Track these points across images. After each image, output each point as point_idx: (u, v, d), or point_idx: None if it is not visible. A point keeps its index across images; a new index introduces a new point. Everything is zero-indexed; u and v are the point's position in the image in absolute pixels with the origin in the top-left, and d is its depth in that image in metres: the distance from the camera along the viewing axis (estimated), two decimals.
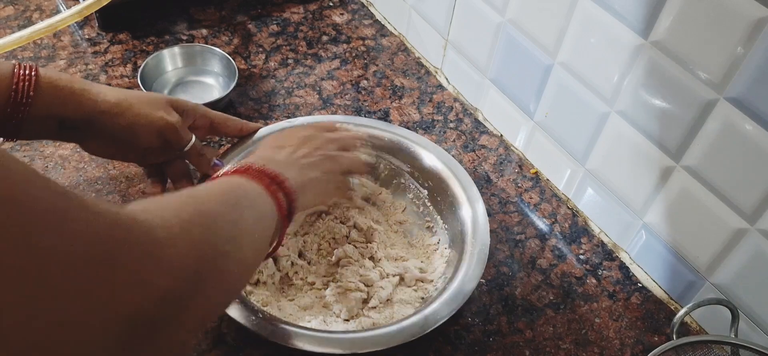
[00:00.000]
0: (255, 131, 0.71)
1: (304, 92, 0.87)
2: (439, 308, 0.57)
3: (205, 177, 0.65)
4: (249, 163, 0.50)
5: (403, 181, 0.73)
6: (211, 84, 0.85)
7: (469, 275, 0.60)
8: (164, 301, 0.33)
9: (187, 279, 0.35)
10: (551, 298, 0.67)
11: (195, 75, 0.85)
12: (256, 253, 0.46)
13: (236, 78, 0.81)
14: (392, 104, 0.87)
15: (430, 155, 0.71)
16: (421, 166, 0.71)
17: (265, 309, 0.58)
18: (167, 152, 0.64)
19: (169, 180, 0.67)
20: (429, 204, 0.71)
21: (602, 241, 0.74)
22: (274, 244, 0.50)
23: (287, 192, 0.50)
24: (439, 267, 0.65)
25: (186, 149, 0.63)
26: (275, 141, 0.59)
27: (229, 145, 0.72)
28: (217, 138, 0.77)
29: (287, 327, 0.54)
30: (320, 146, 0.59)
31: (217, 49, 0.85)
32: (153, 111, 0.60)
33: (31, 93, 0.54)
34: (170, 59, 0.84)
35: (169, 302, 0.34)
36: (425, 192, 0.71)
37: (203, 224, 0.39)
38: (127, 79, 0.84)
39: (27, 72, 0.54)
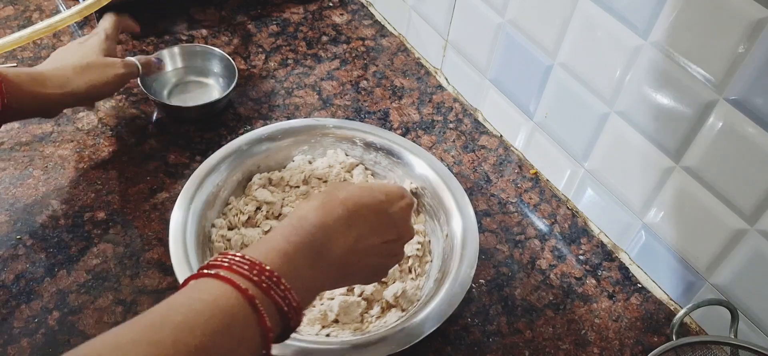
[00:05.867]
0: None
1: (303, 92, 0.87)
2: (423, 320, 0.56)
3: None
4: (274, 278, 0.41)
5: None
6: (211, 84, 0.85)
7: (454, 290, 0.59)
8: None
9: None
10: (551, 298, 0.67)
11: (195, 75, 0.85)
12: None
13: (236, 78, 0.81)
14: (392, 105, 0.87)
15: (422, 163, 0.70)
16: (413, 174, 0.71)
17: None
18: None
19: None
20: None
21: (602, 241, 0.74)
22: None
23: (291, 327, 0.43)
24: (430, 279, 0.65)
25: (139, 73, 0.74)
26: (349, 209, 0.47)
27: None
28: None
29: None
30: (397, 241, 0.52)
31: (217, 49, 0.85)
32: (109, 74, 0.69)
33: (5, 101, 0.59)
34: (170, 59, 0.84)
35: None
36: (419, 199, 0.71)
37: None
38: None
39: None
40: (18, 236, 0.64)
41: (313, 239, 0.45)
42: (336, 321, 0.61)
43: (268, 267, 0.41)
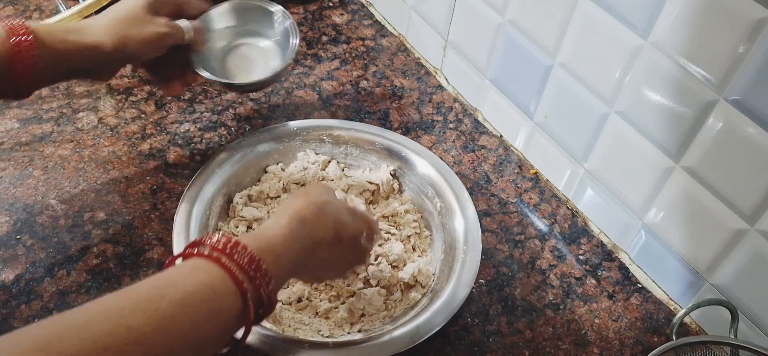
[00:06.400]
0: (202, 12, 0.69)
1: (303, 92, 0.87)
2: (429, 318, 0.58)
3: None
4: (267, 277, 0.44)
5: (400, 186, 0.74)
6: (268, 49, 0.73)
7: (459, 286, 0.60)
8: None
9: None
10: (551, 298, 0.67)
11: (247, 37, 0.74)
12: None
13: (297, 40, 0.70)
14: (392, 105, 0.87)
15: (424, 162, 0.71)
16: (415, 173, 0.72)
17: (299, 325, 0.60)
18: (169, 49, 0.65)
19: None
20: (424, 210, 0.71)
21: (602, 241, 0.74)
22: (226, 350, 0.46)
23: (269, 311, 0.45)
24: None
25: (186, 40, 0.66)
26: (337, 231, 0.52)
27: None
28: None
29: (279, 337, 0.55)
30: (361, 255, 0.57)
31: (277, 5, 0.72)
32: (146, 31, 0.62)
33: (34, 59, 0.55)
34: (218, 20, 0.72)
35: None
36: (421, 197, 0.72)
37: None
38: (126, 80, 0.83)
39: (24, 38, 0.54)
40: (18, 236, 0.64)
41: (303, 248, 0.49)
42: (362, 316, 0.62)
43: (264, 266, 0.44)
